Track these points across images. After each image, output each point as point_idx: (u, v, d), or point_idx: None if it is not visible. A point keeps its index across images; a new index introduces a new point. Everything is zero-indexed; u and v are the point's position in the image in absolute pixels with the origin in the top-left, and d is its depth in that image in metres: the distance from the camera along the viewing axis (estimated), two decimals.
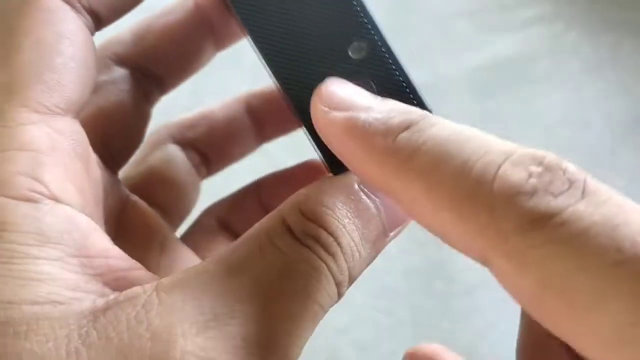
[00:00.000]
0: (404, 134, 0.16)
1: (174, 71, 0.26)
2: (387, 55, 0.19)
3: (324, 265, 0.17)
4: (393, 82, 0.19)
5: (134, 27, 0.25)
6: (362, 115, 0.17)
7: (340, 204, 0.18)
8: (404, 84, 0.19)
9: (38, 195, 0.17)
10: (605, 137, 0.54)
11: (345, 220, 0.18)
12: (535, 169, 0.14)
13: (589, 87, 0.57)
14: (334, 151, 0.18)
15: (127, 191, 0.24)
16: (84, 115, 0.20)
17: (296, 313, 0.17)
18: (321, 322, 0.18)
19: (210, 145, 0.27)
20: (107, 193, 0.22)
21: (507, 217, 0.14)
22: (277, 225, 0.18)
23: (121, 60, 0.25)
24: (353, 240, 0.18)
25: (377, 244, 0.19)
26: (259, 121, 0.28)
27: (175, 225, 0.27)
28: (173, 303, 0.16)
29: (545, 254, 0.13)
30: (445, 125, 0.16)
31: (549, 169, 0.14)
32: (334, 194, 0.18)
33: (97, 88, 0.23)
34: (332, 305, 0.18)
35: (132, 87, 0.24)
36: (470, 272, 0.48)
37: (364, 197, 0.19)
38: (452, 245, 0.16)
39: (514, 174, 0.14)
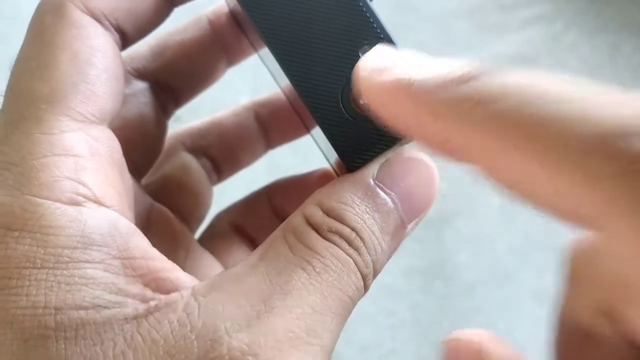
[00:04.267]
0: (474, 82, 0.14)
1: (189, 85, 0.27)
2: None
3: (350, 259, 0.18)
4: None
5: (152, 43, 0.26)
6: (414, 71, 0.15)
7: (359, 200, 0.19)
8: None
9: (82, 198, 0.17)
10: None
11: (365, 215, 0.19)
12: (635, 107, 0.12)
13: None
14: (388, 120, 0.17)
15: (150, 199, 0.25)
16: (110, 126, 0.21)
17: (331, 306, 0.17)
18: None
19: (221, 152, 0.28)
20: (136, 200, 0.23)
21: (609, 159, 0.12)
22: (301, 224, 0.18)
23: (140, 74, 0.26)
24: (374, 234, 0.19)
25: (397, 236, 0.19)
26: (266, 128, 0.28)
27: (193, 231, 0.28)
28: (213, 305, 0.17)
29: None
30: (515, 73, 0.14)
31: None
32: (352, 191, 0.19)
33: None
34: (360, 298, 0.19)
35: (152, 100, 0.25)
36: (470, 271, 0.48)
37: (380, 192, 0.19)
38: (536, 200, 0.14)
39: (613, 114, 0.12)
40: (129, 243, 0.17)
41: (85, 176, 0.17)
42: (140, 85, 0.25)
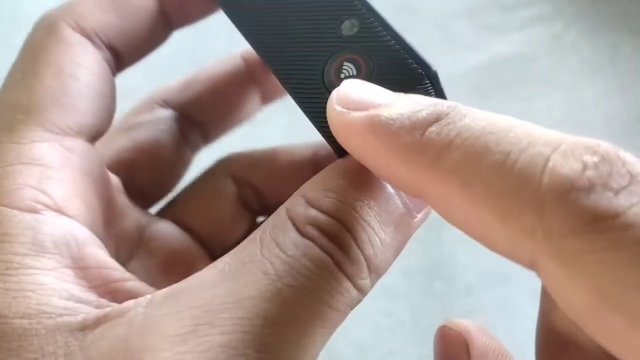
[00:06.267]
0: (433, 128, 0.14)
1: (218, 120, 0.26)
2: (377, 25, 0.19)
3: (327, 258, 0.16)
4: (389, 50, 0.18)
5: (183, 77, 0.26)
6: (385, 112, 0.15)
7: (349, 185, 0.17)
8: (402, 50, 0.18)
9: (41, 206, 0.17)
10: (605, 137, 0.54)
11: (356, 203, 0.16)
12: (591, 158, 0.13)
13: (588, 87, 0.57)
14: (354, 155, 0.16)
15: (150, 217, 0.24)
16: (117, 147, 0.21)
17: (296, 317, 0.15)
18: None
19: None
20: (123, 215, 0.22)
21: (560, 217, 0.12)
22: (281, 219, 0.17)
23: (167, 105, 0.25)
24: (369, 225, 0.16)
25: (402, 227, 0.17)
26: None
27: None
28: (155, 317, 0.15)
29: (605, 260, 0.12)
30: (479, 115, 0.14)
31: (606, 158, 0.13)
32: (340, 176, 0.17)
33: (136, 125, 0.24)
34: (352, 304, 0.17)
35: (173, 129, 0.25)
36: (470, 271, 0.48)
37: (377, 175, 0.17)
38: (493, 248, 0.14)
39: (566, 166, 0.12)
40: (84, 252, 0.17)
41: (49, 185, 0.17)
42: (163, 114, 0.25)
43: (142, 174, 0.24)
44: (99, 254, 0.18)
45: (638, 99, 0.57)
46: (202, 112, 0.26)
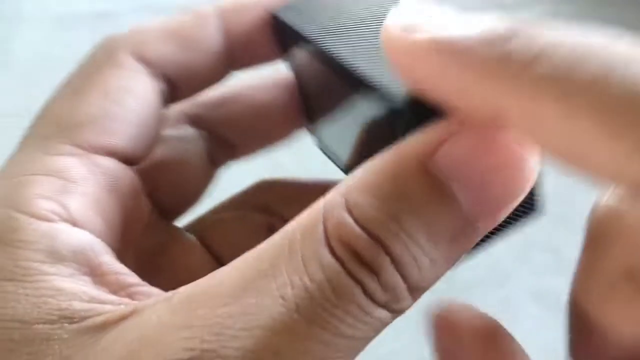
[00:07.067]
0: (519, 40, 0.12)
1: (251, 143, 0.25)
2: None
3: (357, 288, 0.14)
4: None
5: (217, 92, 0.24)
6: (457, 29, 0.13)
7: (399, 193, 0.14)
8: None
9: (56, 217, 0.17)
10: None
11: (404, 216, 0.14)
12: None
13: None
14: (421, 86, 0.14)
15: (174, 235, 0.24)
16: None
17: (312, 352, 0.14)
18: None
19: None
20: (148, 234, 0.22)
21: None
22: (314, 221, 0.14)
23: (198, 120, 0.24)
24: (416, 244, 0.14)
25: (458, 239, 0.15)
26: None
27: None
28: (167, 329, 0.14)
29: None
30: (574, 31, 0.12)
31: None
32: (390, 179, 0.14)
33: (161, 140, 0.24)
34: (378, 332, 0.15)
35: (199, 148, 0.24)
36: (470, 271, 0.48)
37: (433, 181, 0.14)
38: (592, 168, 0.12)
39: None
40: (100, 260, 0.17)
41: (68, 198, 0.18)
42: (189, 131, 0.24)
43: (163, 189, 0.24)
44: (114, 262, 0.18)
45: None
46: (235, 133, 0.25)
